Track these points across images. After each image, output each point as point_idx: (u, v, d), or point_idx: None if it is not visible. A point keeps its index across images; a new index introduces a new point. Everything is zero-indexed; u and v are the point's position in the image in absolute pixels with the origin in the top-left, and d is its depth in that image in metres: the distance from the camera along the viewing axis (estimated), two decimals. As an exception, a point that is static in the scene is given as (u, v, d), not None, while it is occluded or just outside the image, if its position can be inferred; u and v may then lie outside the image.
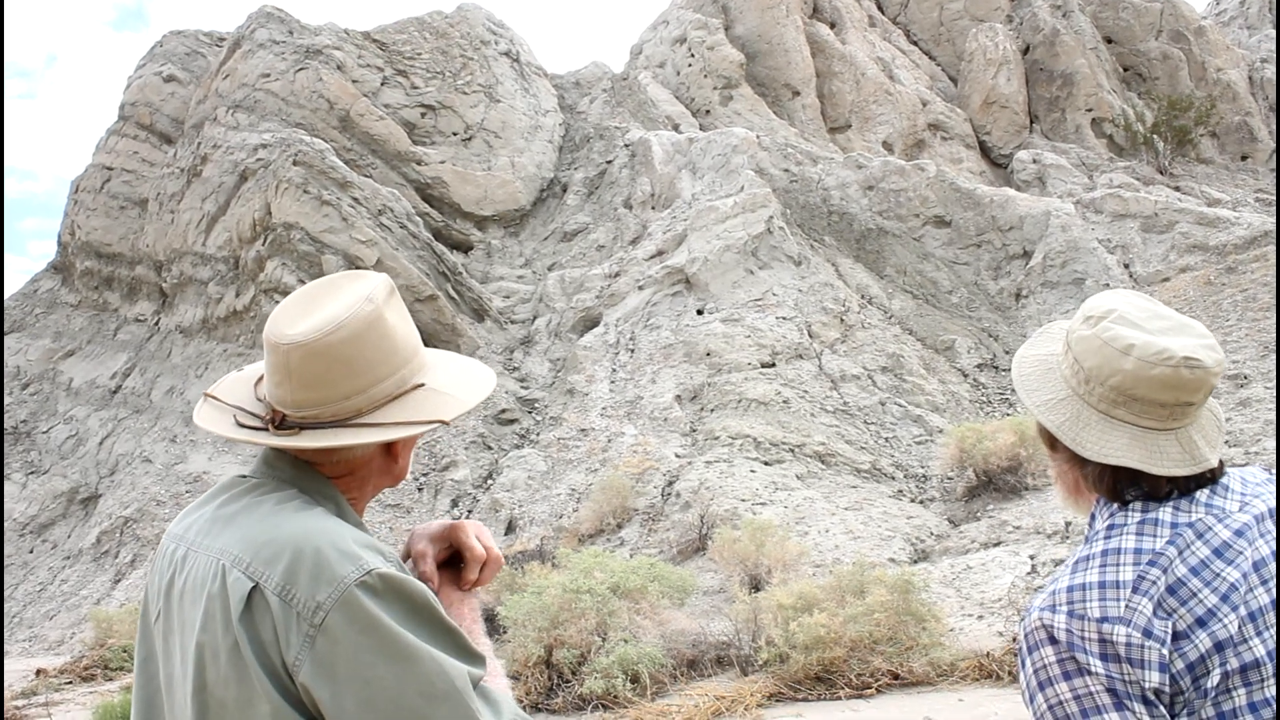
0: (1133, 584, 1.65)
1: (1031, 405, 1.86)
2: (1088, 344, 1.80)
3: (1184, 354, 1.73)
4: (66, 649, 19.38)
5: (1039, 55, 33.99)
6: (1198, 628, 1.62)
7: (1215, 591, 1.65)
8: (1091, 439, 1.77)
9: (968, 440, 15.62)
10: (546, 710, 10.19)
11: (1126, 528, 1.73)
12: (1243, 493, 1.78)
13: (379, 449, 1.77)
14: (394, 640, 1.52)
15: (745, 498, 15.80)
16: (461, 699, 1.53)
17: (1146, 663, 1.60)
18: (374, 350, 1.67)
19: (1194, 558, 1.67)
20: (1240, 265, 20.83)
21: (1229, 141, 32.70)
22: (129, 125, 35.15)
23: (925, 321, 22.58)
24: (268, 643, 1.54)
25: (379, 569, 1.56)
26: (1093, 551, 1.73)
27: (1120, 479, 1.77)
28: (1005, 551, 12.89)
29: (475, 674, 1.59)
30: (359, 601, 1.52)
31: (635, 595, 11.38)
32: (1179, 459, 1.74)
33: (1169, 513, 1.73)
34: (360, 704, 1.49)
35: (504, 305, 26.34)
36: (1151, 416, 1.74)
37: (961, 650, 9.66)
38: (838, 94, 33.42)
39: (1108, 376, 1.76)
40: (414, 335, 1.77)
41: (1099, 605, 1.64)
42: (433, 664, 1.53)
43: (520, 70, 33.67)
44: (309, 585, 1.53)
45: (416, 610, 1.57)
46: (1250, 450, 14.52)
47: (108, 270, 33.28)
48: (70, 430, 28.69)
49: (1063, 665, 1.64)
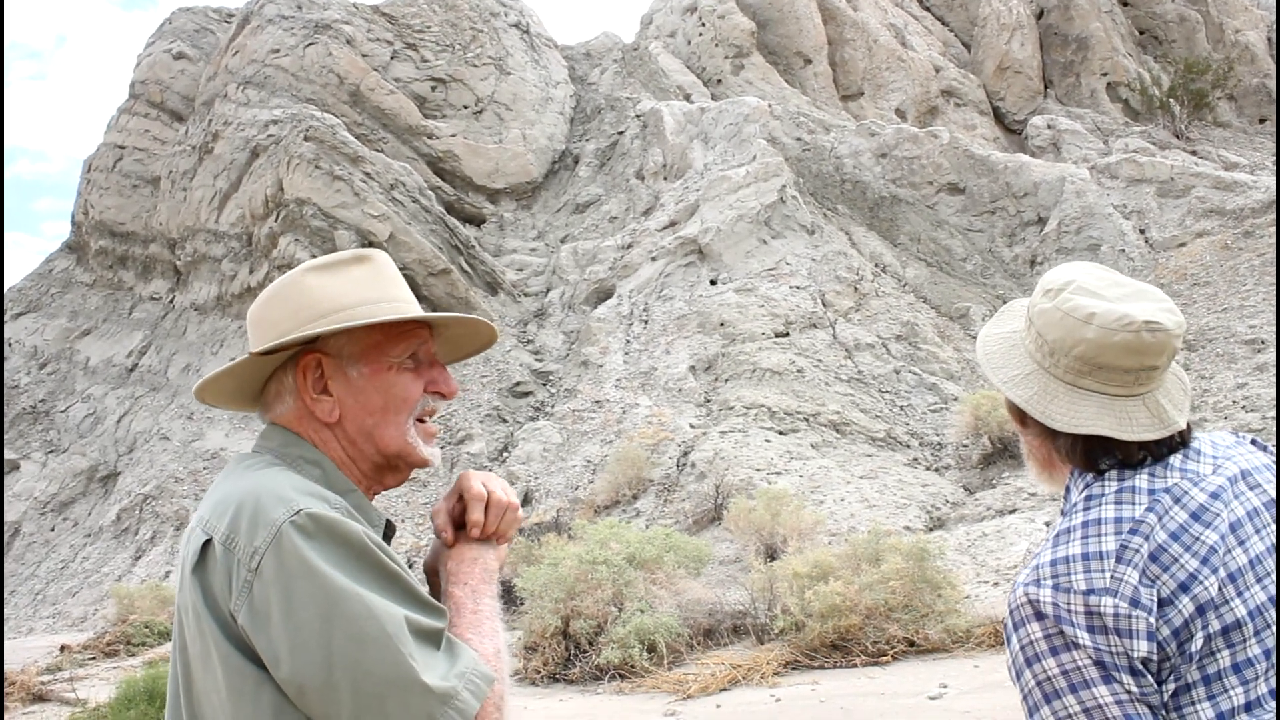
0: (1116, 554, 1.64)
1: (998, 382, 1.86)
2: (1049, 316, 1.80)
3: (1145, 318, 1.72)
4: (89, 625, 19.59)
5: (1053, 19, 33.65)
6: (1181, 593, 1.61)
7: (1196, 555, 1.64)
8: (1060, 410, 1.76)
9: (982, 408, 15.58)
10: (564, 680, 10.25)
11: (1104, 498, 1.72)
12: (1214, 456, 1.78)
13: (297, 404, 1.77)
14: (323, 582, 1.49)
15: (760, 467, 15.80)
16: (392, 644, 1.47)
17: (1135, 632, 1.59)
18: (280, 303, 1.78)
19: (1173, 523, 1.66)
20: (1258, 229, 20.65)
21: (1247, 104, 32.34)
22: (140, 103, 35.18)
23: (939, 289, 22.48)
24: (218, 593, 1.54)
25: (309, 509, 1.54)
26: (1073, 524, 1.71)
27: (1093, 449, 1.76)
28: (1020, 518, 12.88)
29: (422, 621, 1.53)
30: (290, 543, 1.51)
31: (651, 566, 11.42)
32: (1148, 424, 1.74)
33: (1145, 479, 1.72)
34: (292, 647, 1.48)
35: (517, 278, 26.34)
36: (1117, 383, 1.74)
37: (977, 617, 9.66)
38: (850, 61, 33.18)
39: (1071, 347, 1.76)
40: (326, 300, 1.77)
41: (1084, 577, 1.63)
42: (361, 606, 1.48)
43: (530, 42, 33.52)
44: (248, 532, 1.54)
45: (350, 551, 1.53)
46: (1267, 415, 14.44)
47: (122, 249, 33.39)
48: (88, 409, 28.89)
49: (1049, 640, 1.63)
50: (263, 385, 1.82)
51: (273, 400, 1.80)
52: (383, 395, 1.77)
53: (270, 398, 1.81)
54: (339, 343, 1.76)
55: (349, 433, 1.77)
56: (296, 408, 1.77)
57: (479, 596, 1.71)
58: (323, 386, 1.76)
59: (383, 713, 1.47)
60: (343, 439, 1.77)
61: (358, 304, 1.76)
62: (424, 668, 1.48)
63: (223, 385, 1.81)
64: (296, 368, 1.76)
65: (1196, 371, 16.71)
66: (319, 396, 1.76)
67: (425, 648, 1.51)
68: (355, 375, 1.76)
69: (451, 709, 1.49)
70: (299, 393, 1.77)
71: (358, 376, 1.76)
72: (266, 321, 1.77)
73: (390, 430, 1.77)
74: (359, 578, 1.51)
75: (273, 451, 1.75)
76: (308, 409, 1.76)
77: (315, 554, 1.50)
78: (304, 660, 1.47)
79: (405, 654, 1.47)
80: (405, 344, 1.79)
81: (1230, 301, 18.71)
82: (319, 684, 1.47)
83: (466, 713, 1.50)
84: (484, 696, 1.53)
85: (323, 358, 1.76)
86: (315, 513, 1.54)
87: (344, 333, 1.75)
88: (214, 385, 1.80)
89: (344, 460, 1.77)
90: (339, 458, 1.77)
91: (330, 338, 1.75)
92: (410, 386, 1.79)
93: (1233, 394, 15.60)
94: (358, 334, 1.76)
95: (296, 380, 1.76)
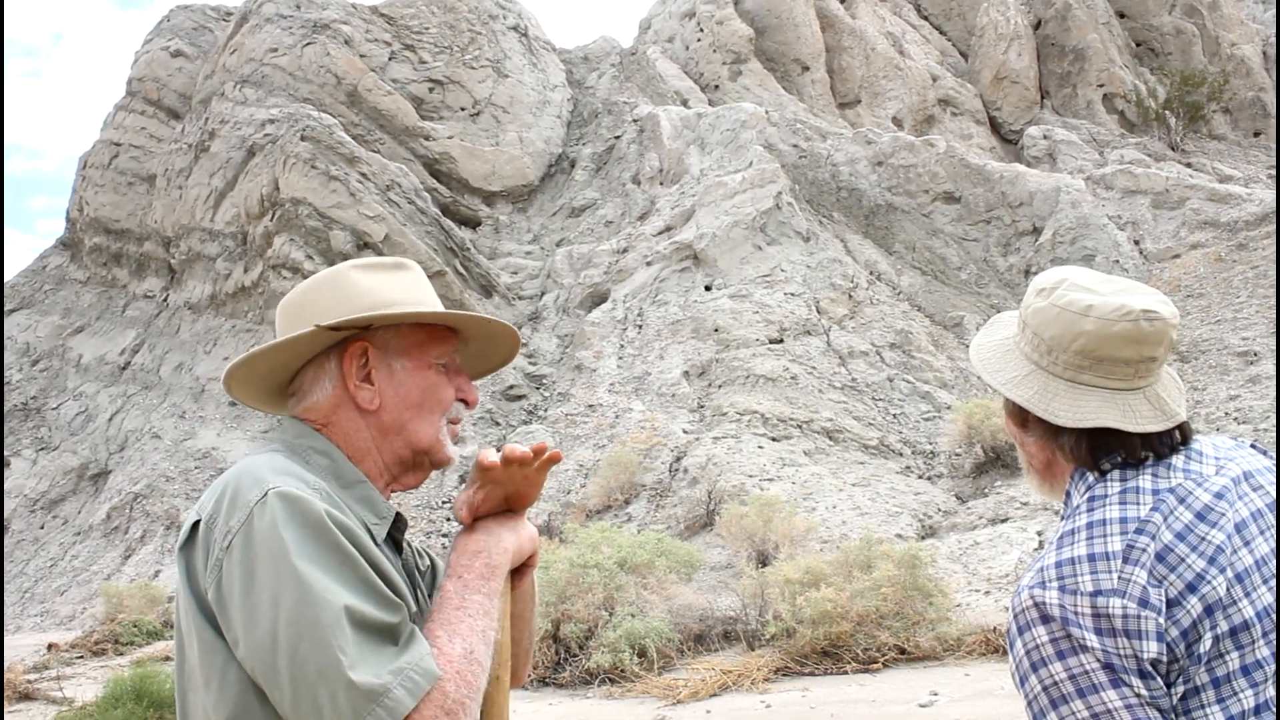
0: (1123, 554, 1.62)
1: (998, 385, 1.85)
2: (1044, 314, 1.80)
3: (1142, 307, 1.72)
4: (77, 624, 19.51)
5: (1050, 30, 33.74)
6: (1188, 593, 1.59)
7: (1202, 555, 1.62)
8: (1063, 407, 1.76)
9: (976, 417, 15.59)
10: (554, 684, 10.23)
11: (1108, 498, 1.70)
12: (1217, 457, 1.78)
13: (337, 391, 1.80)
14: (280, 564, 1.47)
15: (753, 474, 15.79)
16: (325, 634, 1.43)
17: (1144, 633, 1.57)
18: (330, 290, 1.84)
19: (1178, 523, 1.65)
20: (1252, 242, 20.69)
21: (1242, 117, 32.44)
22: (136, 101, 35.12)
23: (934, 298, 22.50)
24: (198, 572, 1.57)
25: (280, 488, 1.55)
26: (1077, 525, 1.70)
27: (1097, 447, 1.75)
28: (1013, 527, 12.88)
29: (367, 613, 1.48)
30: (256, 522, 1.51)
31: (642, 570, 11.41)
32: (1151, 415, 1.73)
33: (1149, 479, 1.71)
34: (246, 628, 1.47)
35: (512, 281, 26.32)
36: (1118, 376, 1.74)
37: (968, 625, 9.66)
38: (847, 69, 33.23)
39: (1070, 341, 1.76)
40: (374, 294, 1.83)
41: (1091, 579, 1.60)
42: (305, 591, 1.45)
43: (528, 45, 33.53)
44: (227, 513, 1.55)
45: (309, 531, 1.52)
46: (1259, 427, 14.46)
47: (116, 246, 33.31)
48: (80, 406, 28.80)
49: (1056, 644, 1.60)
50: (290, 377, 1.85)
51: (309, 387, 1.82)
52: (421, 391, 1.82)
53: (306, 384, 1.83)
54: (386, 335, 1.82)
55: (384, 423, 1.80)
56: (335, 394, 1.80)
57: (469, 592, 1.66)
58: (366, 375, 1.80)
59: (315, 704, 1.43)
60: (376, 429, 1.80)
61: (407, 302, 1.83)
62: (354, 662, 1.43)
63: (262, 364, 1.82)
64: (343, 354, 1.80)
65: (1190, 382, 16.74)
66: (362, 384, 1.79)
67: (365, 641, 1.46)
68: (399, 368, 1.81)
69: (381, 707, 1.42)
70: (342, 378, 1.80)
71: (401, 370, 1.81)
72: (317, 308, 1.80)
73: (425, 426, 1.82)
74: (314, 559, 1.49)
75: (284, 441, 1.77)
76: (349, 395, 1.79)
77: (278, 534, 1.50)
78: (254, 642, 1.47)
79: (335, 646, 1.43)
80: (442, 348, 1.85)
81: (1224, 314, 18.75)
82: (266, 668, 1.46)
83: (397, 711, 1.43)
84: (421, 694, 1.46)
85: (370, 347, 1.80)
86: (284, 491, 1.54)
87: (393, 326, 1.81)
88: (250, 364, 1.82)
89: (367, 449, 1.80)
90: (362, 447, 1.79)
91: (379, 329, 1.81)
92: (445, 388, 1.85)
93: (1225, 405, 15.62)
94: (405, 329, 1.83)
95: (344, 365, 1.80)
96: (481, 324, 1.90)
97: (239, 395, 1.89)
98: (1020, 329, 1.87)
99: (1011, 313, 1.96)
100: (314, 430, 1.79)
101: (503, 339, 1.97)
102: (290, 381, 1.86)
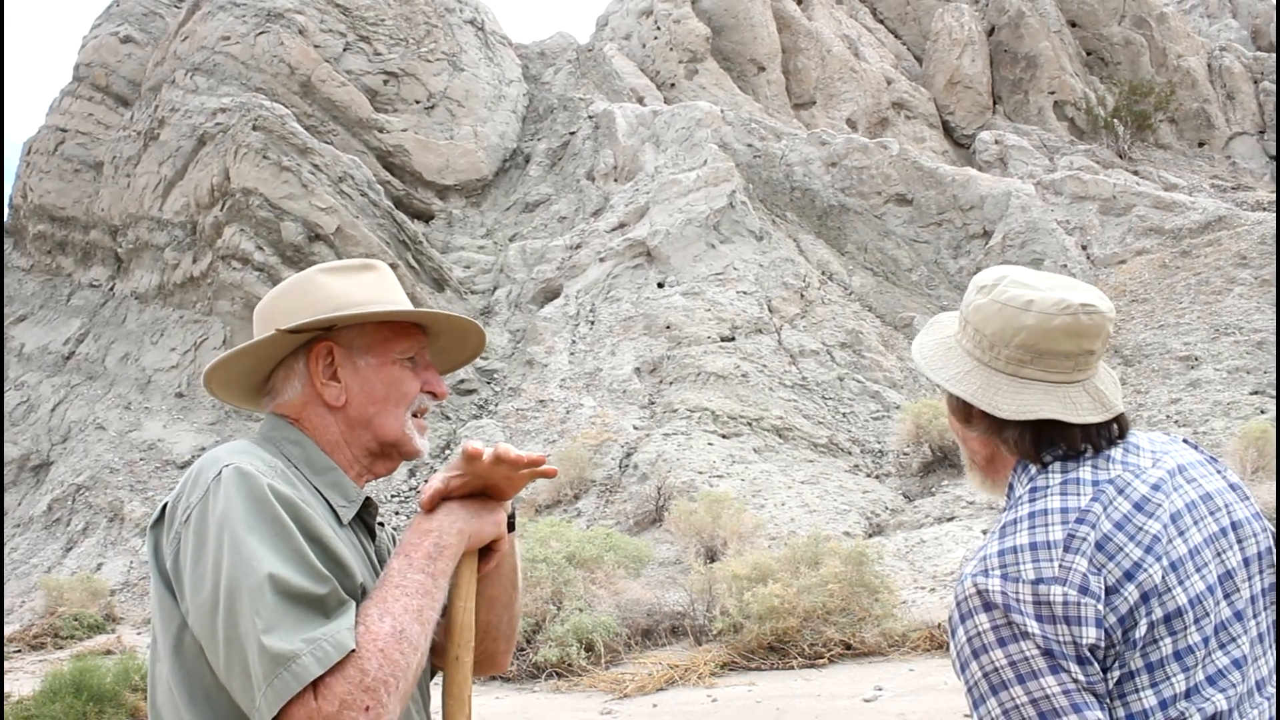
0: (1064, 543, 1.66)
1: (941, 381, 1.89)
2: (985, 311, 1.85)
3: (1080, 301, 1.78)
4: (16, 618, 19.15)
5: (1004, 37, 34.13)
6: (1126, 580, 1.65)
7: (1139, 545, 1.68)
8: (1006, 400, 1.80)
9: (924, 417, 15.76)
10: (501, 677, 10.21)
11: (1050, 489, 1.75)
12: (1153, 451, 1.84)
13: (306, 389, 1.91)
14: (223, 535, 1.56)
15: (703, 470, 15.85)
16: (245, 599, 1.50)
17: (1084, 619, 1.61)
18: (299, 295, 1.95)
19: (1117, 513, 1.70)
20: (1194, 249, 21.08)
21: (1187, 128, 33.03)
22: (84, 86, 34.49)
23: (885, 299, 22.70)
24: (163, 546, 1.67)
25: (232, 464, 1.65)
26: (1019, 515, 1.74)
27: (1040, 439, 1.80)
28: (958, 526, 13.04)
29: (293, 582, 1.52)
30: (210, 498, 1.61)
31: (591, 565, 11.42)
32: (1091, 407, 1.78)
33: (1089, 471, 1.76)
34: (192, 593, 1.57)
35: (464, 275, 26.19)
36: (1058, 369, 1.79)
37: (913, 621, 9.77)
38: (803, 70, 33.40)
39: (1012, 336, 1.80)
40: (339, 296, 1.93)
41: (1033, 566, 1.65)
42: (238, 558, 1.52)
43: (485, 39, 33.37)
44: (189, 490, 1.66)
45: (252, 504, 1.59)
46: (1199, 430, 14.74)
47: (61, 234, 32.71)
48: (21, 396, 28.27)
49: (998, 631, 1.64)
50: (267, 375, 1.96)
51: (280, 386, 1.93)
52: (385, 386, 1.91)
53: (278, 383, 1.93)
54: (351, 334, 1.91)
55: (351, 418, 1.90)
56: (304, 392, 1.91)
57: (411, 571, 1.68)
58: (332, 373, 1.90)
59: (240, 666, 1.50)
60: (343, 423, 1.90)
61: (370, 302, 1.93)
62: (269, 626, 1.48)
63: (234, 368, 1.92)
64: (309, 354, 1.90)
65: (1132, 386, 17.02)
66: (328, 382, 1.90)
67: (286, 608, 1.50)
68: (363, 365, 1.91)
69: (288, 672, 1.46)
70: (309, 377, 1.90)
71: (365, 366, 1.91)
72: (282, 312, 1.91)
73: (390, 420, 1.91)
74: (252, 528, 1.57)
75: (261, 433, 1.89)
76: (316, 393, 1.90)
77: (227, 506, 1.59)
78: (197, 605, 1.56)
79: (252, 610, 1.49)
80: (407, 344, 1.94)
81: (1166, 319, 19.09)
82: (205, 631, 1.55)
83: (302, 676, 1.46)
84: (330, 664, 1.48)
85: (335, 347, 1.90)
86: (237, 466, 1.64)
87: (357, 325, 1.91)
88: (225, 368, 1.92)
89: (338, 443, 1.90)
90: (334, 440, 1.89)
91: (344, 329, 1.91)
92: (410, 382, 1.94)
93: (1166, 409, 15.91)
94: (369, 328, 1.92)
95: (309, 365, 1.90)
96: (444, 320, 2.00)
97: (221, 396, 2.00)
98: (961, 327, 1.91)
99: (951, 313, 2.01)
100: (289, 424, 1.89)
101: (470, 334, 2.06)
102: (265, 381, 1.95)
